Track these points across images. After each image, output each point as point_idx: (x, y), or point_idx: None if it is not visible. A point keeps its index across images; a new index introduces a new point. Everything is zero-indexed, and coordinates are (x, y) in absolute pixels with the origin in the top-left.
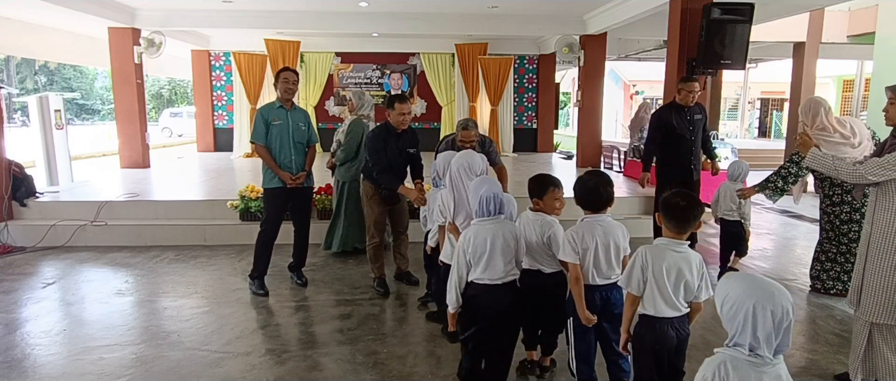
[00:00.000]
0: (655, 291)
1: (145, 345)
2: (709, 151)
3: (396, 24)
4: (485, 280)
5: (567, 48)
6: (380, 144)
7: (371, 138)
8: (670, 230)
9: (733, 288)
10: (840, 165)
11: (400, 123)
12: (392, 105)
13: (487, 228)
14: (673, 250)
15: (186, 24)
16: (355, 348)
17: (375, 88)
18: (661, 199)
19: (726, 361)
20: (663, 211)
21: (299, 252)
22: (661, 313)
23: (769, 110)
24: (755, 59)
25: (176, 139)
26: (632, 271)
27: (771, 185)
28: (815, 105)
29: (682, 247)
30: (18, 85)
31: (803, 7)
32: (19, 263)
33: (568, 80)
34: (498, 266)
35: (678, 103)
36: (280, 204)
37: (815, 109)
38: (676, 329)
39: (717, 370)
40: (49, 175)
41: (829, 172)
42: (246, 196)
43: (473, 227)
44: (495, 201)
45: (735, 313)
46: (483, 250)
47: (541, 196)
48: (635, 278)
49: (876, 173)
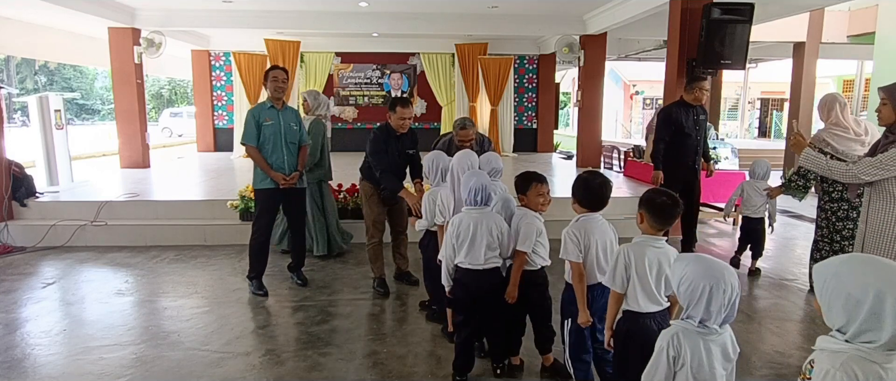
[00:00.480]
0: (638, 287)
1: (145, 345)
2: (705, 153)
3: (396, 24)
4: (466, 264)
5: (567, 48)
6: (381, 146)
7: (373, 140)
8: (652, 227)
9: (690, 269)
10: (833, 165)
11: (400, 127)
12: (394, 108)
13: (472, 216)
14: (653, 246)
15: (186, 24)
16: (355, 348)
17: (375, 88)
18: (645, 197)
19: (679, 332)
20: (648, 209)
21: (297, 253)
22: (645, 309)
23: (769, 110)
24: (755, 59)
25: (176, 139)
26: (615, 270)
27: (793, 185)
28: (830, 100)
29: (660, 242)
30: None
31: (803, 7)
32: (19, 263)
33: (568, 80)
34: (479, 253)
35: (686, 102)
36: (272, 205)
37: (830, 103)
38: (659, 324)
39: (671, 340)
40: (49, 175)
41: (822, 172)
42: (246, 196)
43: (460, 214)
44: (483, 192)
45: (692, 291)
46: (466, 236)
47: (524, 191)
48: (619, 276)
49: (869, 173)
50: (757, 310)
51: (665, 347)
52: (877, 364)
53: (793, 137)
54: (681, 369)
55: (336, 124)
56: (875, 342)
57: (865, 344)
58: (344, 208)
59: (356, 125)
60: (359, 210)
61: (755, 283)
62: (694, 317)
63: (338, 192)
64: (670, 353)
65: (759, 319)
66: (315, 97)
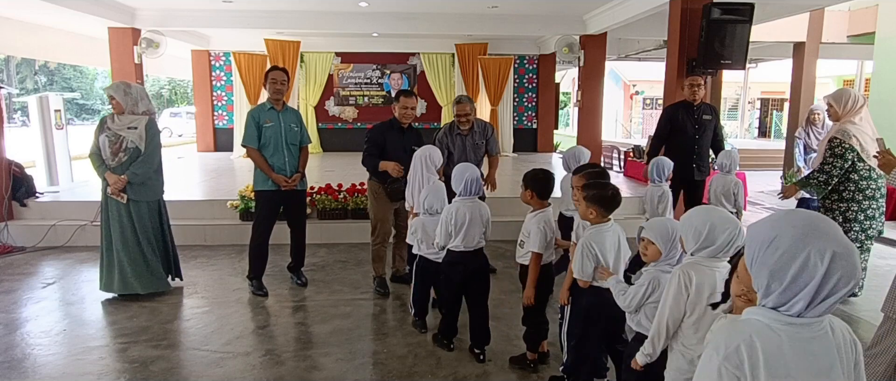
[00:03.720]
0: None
1: (145, 345)
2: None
3: (396, 24)
4: (461, 248)
5: (567, 48)
6: (379, 137)
7: (373, 131)
8: (601, 216)
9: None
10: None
11: (404, 117)
12: (397, 98)
13: (467, 205)
14: (608, 231)
15: (186, 24)
16: (355, 348)
17: (375, 88)
18: (591, 195)
19: (687, 267)
20: (595, 203)
21: (297, 254)
22: (607, 285)
23: (769, 110)
24: (755, 59)
25: (176, 139)
26: (582, 261)
27: (813, 181)
28: (852, 96)
29: (611, 226)
30: (18, 85)
31: (803, 7)
32: (19, 263)
33: (568, 80)
34: (474, 236)
35: (687, 101)
36: (272, 207)
37: (849, 98)
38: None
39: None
40: (49, 175)
41: None
42: (246, 196)
43: (456, 203)
44: (477, 183)
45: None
46: (463, 223)
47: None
48: (587, 267)
49: None
50: None
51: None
52: (706, 267)
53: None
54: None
55: (336, 124)
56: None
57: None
58: (344, 208)
59: (356, 125)
60: (359, 210)
61: None
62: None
63: (337, 192)
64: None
65: None
66: (126, 91)
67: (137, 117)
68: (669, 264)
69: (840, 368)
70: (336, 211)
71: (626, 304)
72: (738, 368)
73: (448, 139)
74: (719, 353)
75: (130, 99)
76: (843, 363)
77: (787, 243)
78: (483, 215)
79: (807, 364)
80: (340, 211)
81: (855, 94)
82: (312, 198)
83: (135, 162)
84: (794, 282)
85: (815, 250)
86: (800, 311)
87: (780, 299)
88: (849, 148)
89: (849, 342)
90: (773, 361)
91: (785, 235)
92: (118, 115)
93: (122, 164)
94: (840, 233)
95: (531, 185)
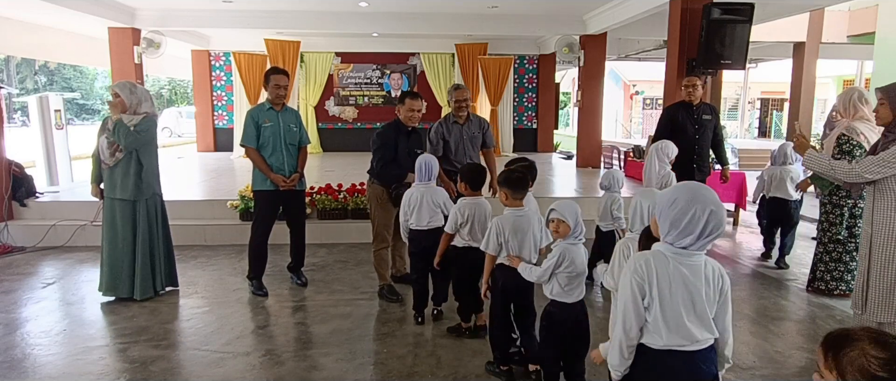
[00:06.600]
0: (514, 249)
1: (145, 345)
2: (720, 157)
3: (396, 24)
4: (415, 226)
5: (567, 48)
6: (390, 140)
7: (380, 133)
8: (515, 199)
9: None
10: (837, 165)
11: (409, 119)
12: (403, 100)
13: (420, 190)
14: (518, 216)
15: (186, 24)
16: (355, 348)
17: (375, 88)
18: (502, 178)
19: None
20: (507, 185)
21: (297, 254)
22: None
23: (769, 110)
24: (755, 59)
25: (176, 139)
26: (489, 238)
27: (817, 180)
28: (852, 99)
29: (523, 211)
30: (18, 85)
31: (803, 7)
32: (19, 263)
33: (568, 80)
34: (423, 216)
35: (686, 101)
36: (271, 207)
37: (853, 98)
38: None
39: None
40: (49, 175)
41: (825, 173)
42: (246, 196)
43: (412, 188)
44: (428, 169)
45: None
46: (415, 205)
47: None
48: (492, 243)
49: (872, 171)
50: (757, 310)
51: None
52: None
53: (796, 139)
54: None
55: (336, 124)
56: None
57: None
58: (344, 208)
59: (356, 125)
60: (358, 211)
61: (755, 283)
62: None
63: (337, 192)
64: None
65: (759, 319)
66: (131, 90)
67: (136, 117)
68: (576, 237)
69: (705, 289)
70: (336, 211)
71: (537, 277)
72: (641, 277)
73: (444, 129)
74: (630, 269)
75: (135, 98)
76: (710, 285)
77: (682, 204)
78: (435, 198)
79: (681, 279)
80: (340, 211)
81: (855, 94)
82: (312, 198)
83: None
84: (686, 228)
85: (700, 207)
86: (686, 245)
87: (675, 239)
88: (856, 145)
89: (717, 274)
90: (661, 274)
91: (681, 198)
92: (120, 113)
93: (119, 162)
94: (716, 197)
95: (465, 176)
